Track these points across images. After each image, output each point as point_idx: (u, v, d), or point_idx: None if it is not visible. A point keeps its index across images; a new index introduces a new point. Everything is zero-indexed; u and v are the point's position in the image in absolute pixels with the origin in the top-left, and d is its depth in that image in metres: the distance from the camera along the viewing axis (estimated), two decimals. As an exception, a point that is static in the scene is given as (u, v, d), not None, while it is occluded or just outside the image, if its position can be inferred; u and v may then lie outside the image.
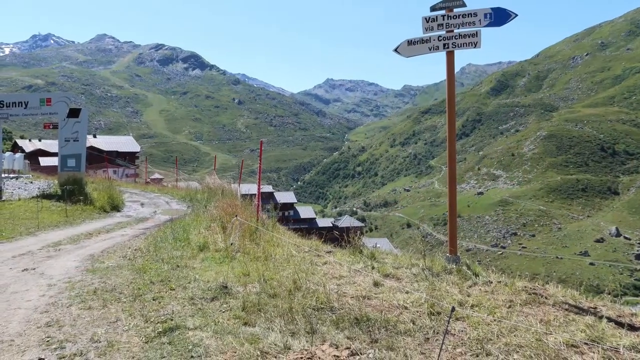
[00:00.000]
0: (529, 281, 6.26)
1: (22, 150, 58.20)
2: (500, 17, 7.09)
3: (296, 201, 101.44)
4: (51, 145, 60.82)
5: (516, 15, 7.03)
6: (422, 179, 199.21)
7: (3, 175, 21.38)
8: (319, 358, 3.95)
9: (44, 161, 51.58)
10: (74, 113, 18.75)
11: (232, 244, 8.59)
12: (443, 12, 7.33)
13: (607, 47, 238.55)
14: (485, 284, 6.01)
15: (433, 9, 7.37)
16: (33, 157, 55.86)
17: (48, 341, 4.49)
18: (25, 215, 13.83)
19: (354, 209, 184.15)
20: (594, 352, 3.99)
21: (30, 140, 76.68)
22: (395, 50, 7.72)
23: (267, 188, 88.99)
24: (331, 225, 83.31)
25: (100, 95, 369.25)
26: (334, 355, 4.00)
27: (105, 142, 72.09)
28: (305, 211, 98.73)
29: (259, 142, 10.83)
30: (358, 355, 4.01)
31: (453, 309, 3.80)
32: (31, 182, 22.40)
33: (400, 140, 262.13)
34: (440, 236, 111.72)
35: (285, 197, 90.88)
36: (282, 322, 4.71)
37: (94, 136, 75.03)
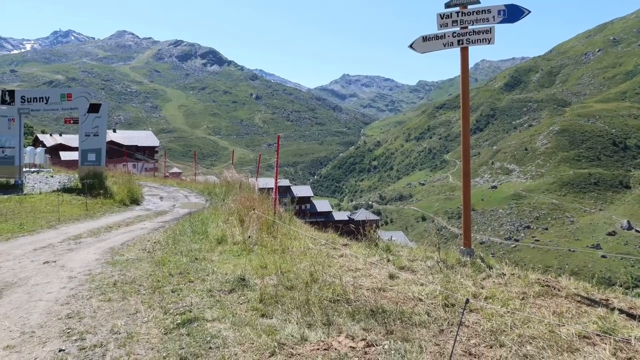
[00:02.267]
0: (541, 273, 6.26)
1: (43, 145, 58.63)
2: (513, 13, 7.07)
3: (313, 195, 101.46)
4: (72, 139, 61.06)
5: (529, 12, 6.99)
6: (436, 173, 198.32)
7: (24, 170, 21.72)
8: (335, 349, 4.00)
9: (64, 155, 51.81)
10: (94, 108, 18.97)
11: (249, 237, 8.65)
12: (457, 8, 7.33)
13: (619, 43, 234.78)
14: (499, 277, 6.02)
15: (447, 5, 7.38)
16: (54, 151, 56.16)
17: (69, 332, 4.56)
18: (46, 208, 14.00)
19: (370, 202, 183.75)
20: (605, 344, 4.01)
21: (51, 135, 77.21)
22: (411, 46, 7.75)
23: (284, 182, 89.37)
24: (347, 218, 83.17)
25: (119, 90, 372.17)
26: (350, 347, 4.05)
27: (124, 137, 72.53)
28: (322, 205, 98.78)
29: (276, 137, 10.89)
30: (373, 346, 4.05)
31: (467, 301, 3.83)
32: (52, 176, 22.60)
33: (415, 135, 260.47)
34: (455, 229, 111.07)
35: (302, 190, 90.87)
36: (299, 314, 4.77)
37: (114, 131, 75.30)
